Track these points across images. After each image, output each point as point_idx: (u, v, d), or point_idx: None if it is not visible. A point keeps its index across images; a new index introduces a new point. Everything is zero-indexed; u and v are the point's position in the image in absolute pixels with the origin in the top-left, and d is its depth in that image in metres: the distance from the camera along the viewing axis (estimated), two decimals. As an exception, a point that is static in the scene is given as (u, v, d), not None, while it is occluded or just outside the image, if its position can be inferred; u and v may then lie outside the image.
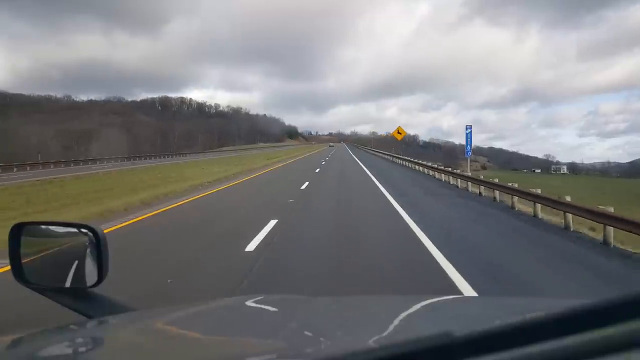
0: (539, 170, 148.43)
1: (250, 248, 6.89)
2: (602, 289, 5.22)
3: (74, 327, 1.20)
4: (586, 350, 0.43)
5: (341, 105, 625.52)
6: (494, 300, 2.49)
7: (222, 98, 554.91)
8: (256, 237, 7.59)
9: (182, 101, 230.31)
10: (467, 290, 4.86)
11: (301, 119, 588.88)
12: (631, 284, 5.46)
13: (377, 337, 1.00)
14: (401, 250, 7.12)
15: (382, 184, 18.27)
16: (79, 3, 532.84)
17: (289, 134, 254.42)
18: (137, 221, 9.93)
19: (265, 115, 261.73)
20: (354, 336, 1.04)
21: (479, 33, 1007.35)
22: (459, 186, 17.93)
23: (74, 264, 1.38)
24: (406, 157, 38.17)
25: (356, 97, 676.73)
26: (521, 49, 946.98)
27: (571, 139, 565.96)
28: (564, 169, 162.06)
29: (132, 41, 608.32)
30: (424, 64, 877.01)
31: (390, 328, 1.10)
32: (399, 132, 36.20)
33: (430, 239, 7.49)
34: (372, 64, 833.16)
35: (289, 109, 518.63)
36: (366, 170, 29.16)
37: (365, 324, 1.22)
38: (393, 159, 43.94)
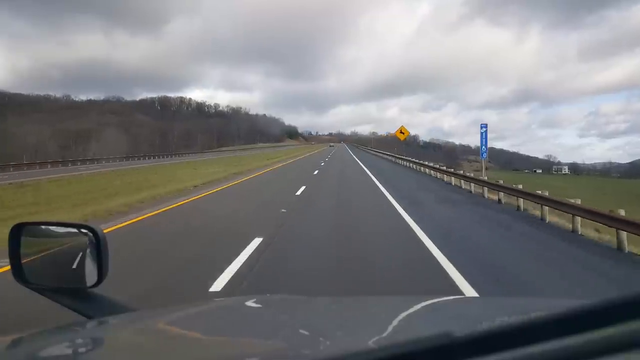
0: (540, 171, 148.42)
1: (218, 287, 5.04)
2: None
3: (74, 328, 1.20)
4: (586, 350, 0.43)
5: (342, 105, 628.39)
6: (494, 300, 2.49)
7: (222, 98, 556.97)
8: (229, 268, 5.71)
9: (182, 101, 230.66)
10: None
11: (301, 119, 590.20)
12: None
13: (377, 337, 1.00)
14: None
15: (386, 188, 16.67)
16: (79, 2, 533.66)
17: (288, 134, 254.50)
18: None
19: (265, 115, 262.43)
20: (354, 336, 1.04)
21: (480, 33, 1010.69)
22: (472, 191, 16.34)
23: (74, 264, 1.38)
24: (410, 158, 36.32)
25: (357, 97, 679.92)
26: (522, 49, 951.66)
27: (571, 139, 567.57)
28: (565, 169, 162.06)
29: (133, 41, 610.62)
30: (425, 64, 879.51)
31: (390, 328, 1.10)
32: (401, 132, 34.87)
33: (467, 280, 5.27)
34: (373, 63, 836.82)
35: (290, 108, 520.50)
36: (367, 171, 27.71)
37: (365, 324, 1.22)
38: (395, 159, 42.28)
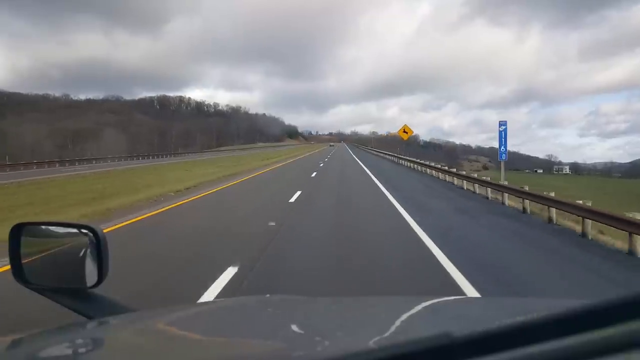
0: (540, 171, 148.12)
1: None
2: None
3: (74, 328, 1.20)
4: (586, 350, 0.43)
5: (342, 104, 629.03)
6: (494, 300, 2.49)
7: (222, 97, 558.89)
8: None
9: (181, 100, 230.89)
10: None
11: (301, 119, 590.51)
12: None
13: (377, 337, 1.00)
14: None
15: (391, 194, 14.80)
16: (79, 2, 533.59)
17: (288, 133, 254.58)
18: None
19: (264, 115, 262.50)
20: (354, 337, 1.04)
21: (480, 33, 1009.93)
22: (489, 197, 14.40)
23: (74, 264, 1.38)
24: (414, 159, 33.80)
25: (357, 96, 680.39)
26: (522, 48, 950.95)
27: (572, 139, 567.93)
28: (567, 169, 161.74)
29: (133, 40, 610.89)
30: (425, 63, 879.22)
31: (391, 329, 1.10)
32: (404, 131, 33.34)
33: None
34: (373, 63, 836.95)
35: (290, 108, 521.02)
36: (370, 173, 25.77)
37: (365, 324, 1.22)
38: (398, 160, 40.27)
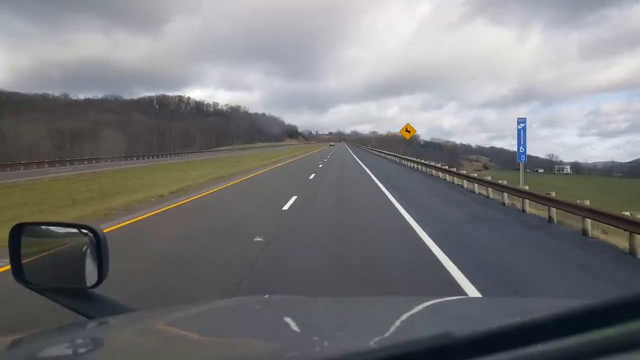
0: (542, 170, 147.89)
1: None
2: None
3: (74, 328, 1.20)
4: (587, 350, 0.43)
5: (342, 104, 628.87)
6: (494, 300, 2.49)
7: (222, 97, 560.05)
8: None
9: (180, 100, 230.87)
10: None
11: (301, 118, 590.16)
12: None
13: (378, 338, 1.00)
14: None
15: (399, 201, 12.67)
16: (79, 2, 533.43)
17: (288, 133, 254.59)
18: None
19: (264, 115, 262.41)
20: (354, 337, 1.04)
21: (481, 32, 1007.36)
22: (505, 203, 12.74)
23: (74, 264, 1.38)
24: (420, 160, 31.11)
25: (357, 96, 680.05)
26: (523, 48, 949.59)
27: (572, 138, 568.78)
28: (568, 168, 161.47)
29: (133, 40, 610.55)
30: (425, 63, 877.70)
31: (391, 329, 1.10)
32: (407, 130, 31.92)
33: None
34: (374, 63, 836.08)
35: (290, 108, 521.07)
36: (371, 175, 23.95)
37: (365, 324, 1.22)
38: (400, 160, 38.22)
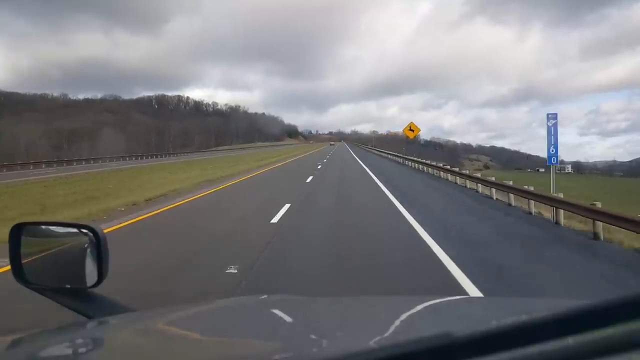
0: (542, 170, 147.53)
1: None
2: None
3: (74, 328, 1.20)
4: (587, 350, 0.43)
5: (342, 104, 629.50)
6: (494, 300, 2.49)
7: (222, 97, 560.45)
8: None
9: (179, 99, 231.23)
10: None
11: (301, 118, 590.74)
12: None
13: (378, 337, 1.00)
14: None
15: (410, 213, 10.51)
16: (79, 1, 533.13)
17: (288, 133, 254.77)
18: None
19: (264, 114, 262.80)
20: (354, 337, 1.04)
21: (481, 31, 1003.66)
22: (532, 212, 10.93)
23: (74, 264, 1.38)
24: (425, 161, 28.96)
25: (357, 95, 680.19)
26: (523, 47, 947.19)
27: (572, 137, 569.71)
28: (569, 168, 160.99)
29: (133, 40, 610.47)
30: (425, 62, 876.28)
31: (391, 329, 1.10)
32: (410, 129, 30.78)
33: None
34: (374, 62, 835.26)
35: (290, 107, 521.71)
36: (374, 177, 21.61)
37: (365, 324, 1.22)
38: (403, 161, 36.29)
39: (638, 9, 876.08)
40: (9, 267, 1.40)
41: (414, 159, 32.52)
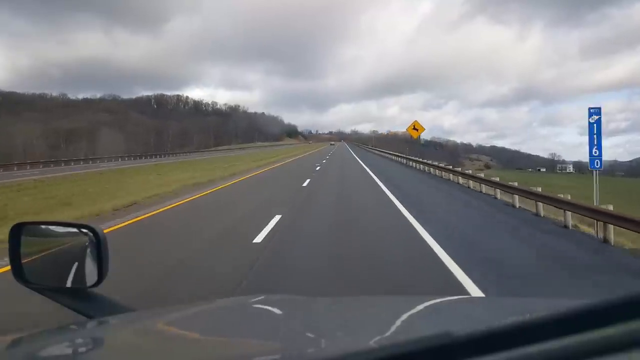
0: (544, 170, 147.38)
1: None
2: None
3: (74, 327, 1.20)
4: (586, 350, 0.43)
5: (342, 103, 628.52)
6: (494, 300, 2.50)
7: (222, 96, 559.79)
8: None
9: (179, 99, 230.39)
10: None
11: (301, 118, 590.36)
12: None
13: (378, 337, 1.00)
14: None
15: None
16: (79, 1, 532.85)
17: (288, 132, 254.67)
18: None
19: (264, 114, 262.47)
20: (354, 336, 1.05)
21: (481, 31, 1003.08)
22: (569, 226, 9.41)
23: (74, 264, 1.38)
24: (432, 162, 27.07)
25: (357, 95, 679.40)
26: (523, 47, 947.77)
27: (572, 137, 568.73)
28: (570, 167, 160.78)
29: (132, 39, 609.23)
30: (425, 62, 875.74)
31: (391, 328, 1.10)
32: (415, 128, 29.56)
33: None
34: (374, 62, 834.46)
35: (290, 107, 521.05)
36: (377, 180, 19.84)
37: (365, 324, 1.22)
38: (407, 162, 34.60)
39: (638, 9, 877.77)
40: (8, 267, 1.40)
41: (420, 160, 30.19)
